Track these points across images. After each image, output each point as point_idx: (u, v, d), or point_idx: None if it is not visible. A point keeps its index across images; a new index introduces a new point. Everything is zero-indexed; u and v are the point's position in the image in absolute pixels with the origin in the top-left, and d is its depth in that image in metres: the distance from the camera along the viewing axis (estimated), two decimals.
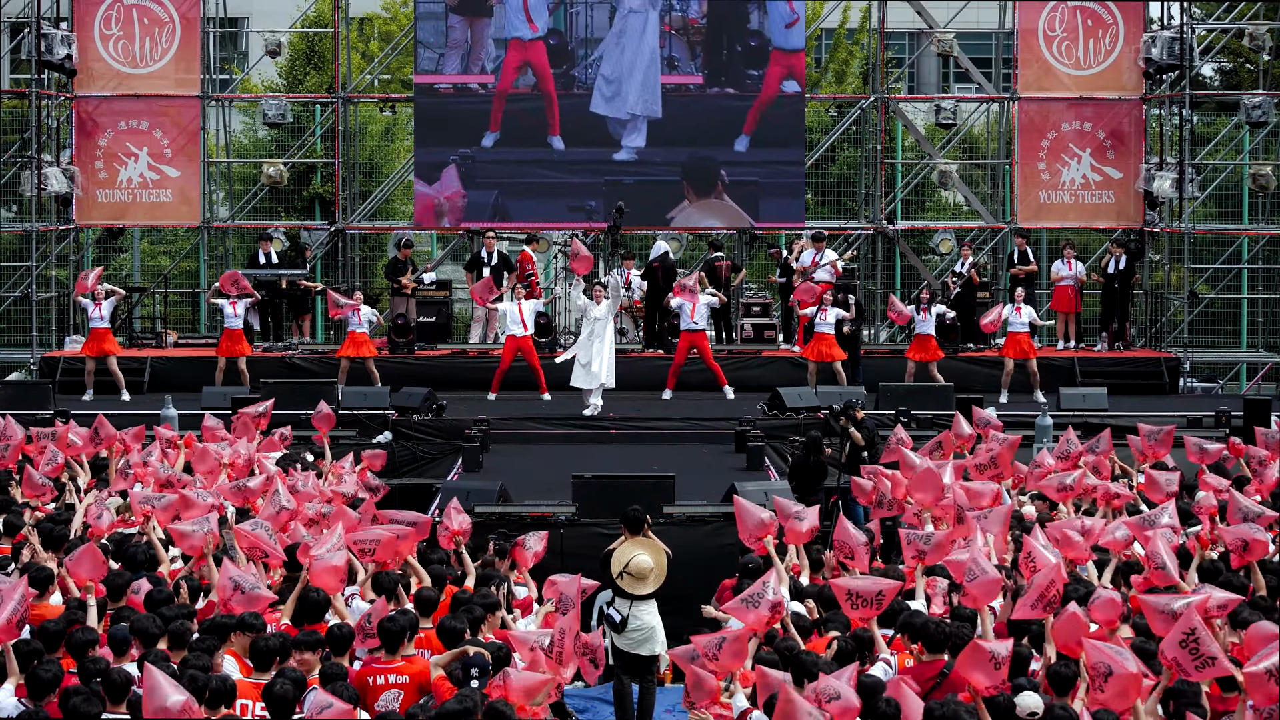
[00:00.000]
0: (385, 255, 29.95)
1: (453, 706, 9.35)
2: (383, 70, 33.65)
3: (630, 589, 13.72)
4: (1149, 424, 18.61)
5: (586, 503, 17.49)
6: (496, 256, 26.72)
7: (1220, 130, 31.14)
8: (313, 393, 21.90)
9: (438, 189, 28.30)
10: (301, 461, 17.81)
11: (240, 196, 30.76)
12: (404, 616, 10.99)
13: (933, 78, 44.35)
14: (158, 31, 28.97)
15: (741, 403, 23.74)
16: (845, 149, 32.77)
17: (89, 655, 10.16)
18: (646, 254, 28.39)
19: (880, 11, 29.90)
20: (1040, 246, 30.62)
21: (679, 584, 14.48)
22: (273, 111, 29.31)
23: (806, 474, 18.68)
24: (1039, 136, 29.27)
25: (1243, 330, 30.47)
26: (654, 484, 17.76)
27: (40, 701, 9.63)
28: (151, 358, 26.30)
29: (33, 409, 21.80)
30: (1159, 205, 28.81)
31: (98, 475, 17.20)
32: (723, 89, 28.40)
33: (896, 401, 22.72)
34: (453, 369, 26.20)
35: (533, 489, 18.95)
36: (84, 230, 29.84)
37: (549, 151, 28.29)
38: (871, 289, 30.06)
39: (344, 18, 29.70)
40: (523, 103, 28.29)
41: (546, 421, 23.23)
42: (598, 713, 14.98)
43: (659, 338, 26.76)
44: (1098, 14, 29.08)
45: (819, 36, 38.26)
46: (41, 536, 13.59)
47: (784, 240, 30.00)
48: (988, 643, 9.83)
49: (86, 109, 29.00)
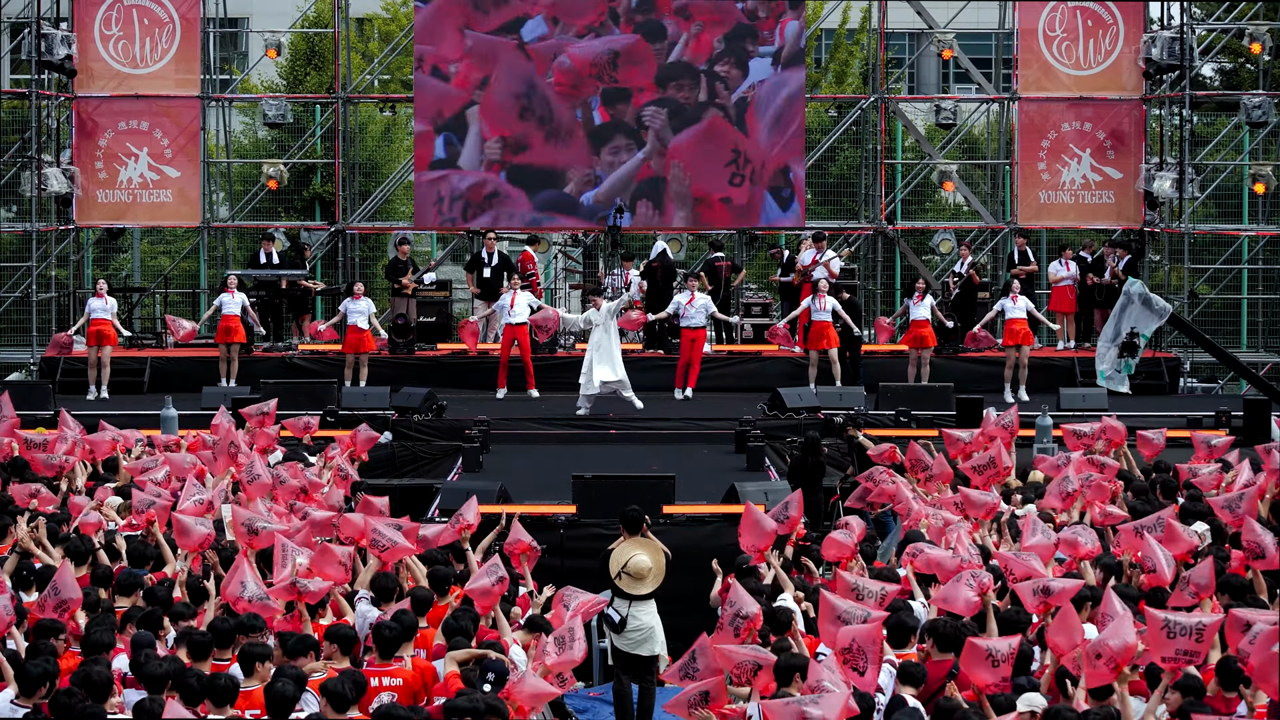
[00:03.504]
0: (385, 255, 29.94)
1: (461, 704, 9.37)
2: (383, 70, 33.66)
3: (629, 589, 13.72)
4: (1148, 426, 18.62)
5: (586, 503, 17.51)
6: (496, 256, 26.73)
7: (1220, 130, 31.14)
8: (313, 393, 21.94)
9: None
10: (302, 460, 17.82)
11: (240, 197, 30.76)
12: (400, 620, 10.98)
13: (933, 78, 44.33)
14: (158, 31, 28.97)
15: (741, 403, 23.74)
16: (845, 149, 32.77)
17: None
18: (646, 254, 28.39)
19: (880, 11, 29.91)
20: (1040, 246, 30.62)
21: (679, 584, 14.49)
22: (273, 112, 29.31)
23: (806, 474, 18.68)
24: (1039, 137, 29.27)
25: (1243, 330, 30.46)
26: (654, 484, 17.78)
27: (31, 698, 9.66)
28: (151, 358, 26.29)
29: (33, 409, 21.78)
30: (1159, 205, 28.81)
31: (96, 477, 17.17)
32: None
33: (896, 401, 22.72)
34: (453, 369, 26.21)
35: (533, 489, 18.96)
36: (84, 230, 29.84)
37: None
38: (872, 289, 30.08)
39: (344, 18, 29.71)
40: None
41: (546, 421, 23.24)
42: (598, 713, 14.99)
43: (659, 338, 26.76)
44: (1098, 14, 29.08)
45: (819, 36, 38.26)
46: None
47: (784, 240, 30.01)
48: (984, 640, 9.84)
49: (86, 109, 29.00)
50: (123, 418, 20.25)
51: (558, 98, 28.19)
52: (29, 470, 16.45)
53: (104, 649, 10.42)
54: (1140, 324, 17.09)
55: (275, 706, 9.46)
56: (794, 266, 26.70)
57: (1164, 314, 17.53)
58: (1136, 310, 17.24)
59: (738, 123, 28.30)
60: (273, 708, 9.47)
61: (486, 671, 10.32)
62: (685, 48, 28.32)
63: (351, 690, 9.73)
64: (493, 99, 28.23)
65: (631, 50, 28.23)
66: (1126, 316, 17.28)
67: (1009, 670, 9.77)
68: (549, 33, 28.23)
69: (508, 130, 28.22)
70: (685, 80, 28.35)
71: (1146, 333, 17.40)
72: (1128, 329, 17.22)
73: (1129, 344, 17.13)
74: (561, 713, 12.90)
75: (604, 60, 28.19)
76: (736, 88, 28.26)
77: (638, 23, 28.28)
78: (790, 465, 19.62)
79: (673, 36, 28.34)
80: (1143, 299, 17.31)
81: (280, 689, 9.52)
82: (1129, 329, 17.22)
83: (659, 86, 28.25)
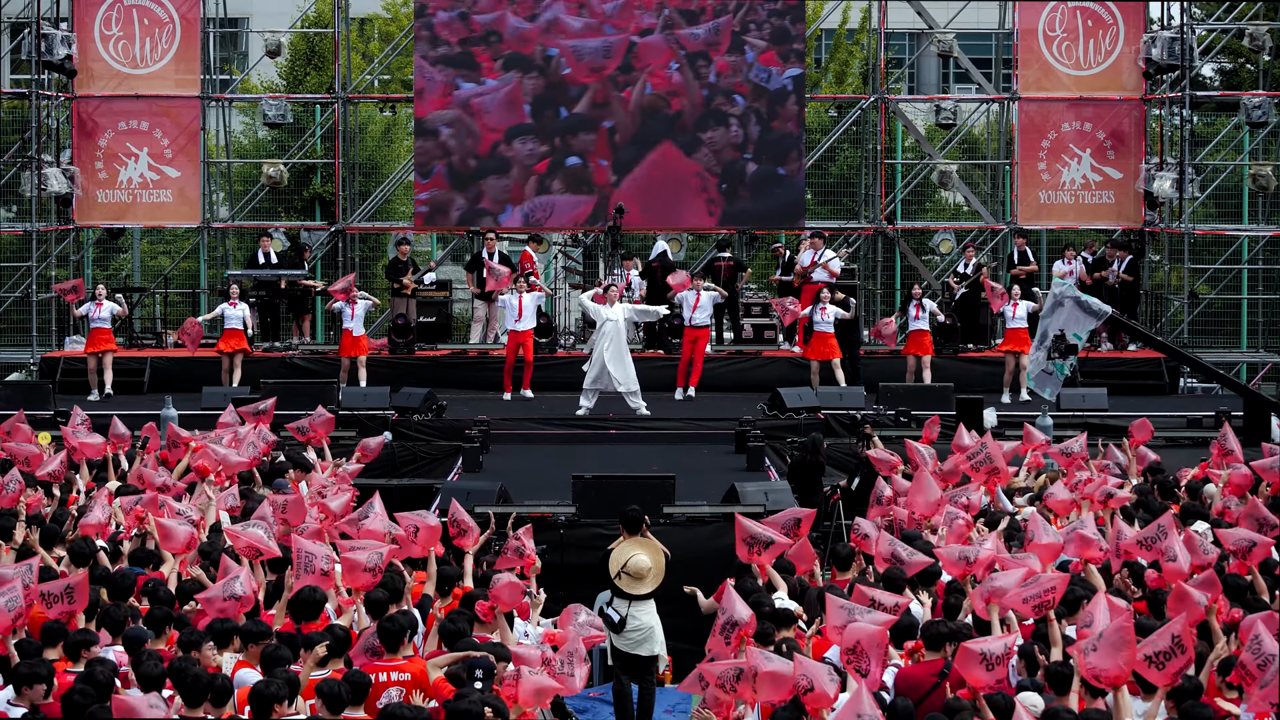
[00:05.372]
0: (385, 255, 29.95)
1: (463, 705, 9.38)
2: (383, 70, 33.66)
3: (628, 589, 13.72)
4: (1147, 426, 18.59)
5: (586, 503, 17.48)
6: (497, 257, 26.73)
7: (1220, 130, 31.13)
8: (313, 393, 21.90)
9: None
10: (300, 460, 17.79)
11: (240, 197, 30.76)
12: (404, 616, 11.00)
13: (933, 78, 44.34)
14: (158, 32, 28.97)
15: (741, 403, 23.73)
16: (845, 149, 32.77)
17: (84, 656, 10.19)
18: (647, 254, 28.38)
19: (880, 11, 29.91)
20: (1040, 246, 30.61)
21: (678, 584, 14.47)
22: (273, 112, 29.32)
23: (806, 474, 18.67)
24: (1039, 137, 29.27)
25: (1243, 331, 30.45)
26: (654, 484, 17.75)
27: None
28: (151, 358, 26.29)
29: (33, 409, 21.76)
30: (1159, 205, 28.81)
31: (99, 479, 17.16)
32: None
33: (896, 402, 22.72)
34: (453, 369, 26.21)
35: (533, 489, 18.94)
36: (84, 230, 29.84)
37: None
38: (872, 289, 30.07)
39: (344, 18, 29.72)
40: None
41: (546, 421, 23.22)
42: (598, 713, 14.99)
43: (659, 338, 26.75)
44: (1098, 14, 29.08)
45: (819, 36, 38.25)
46: (42, 537, 13.60)
47: (784, 240, 29.99)
48: (977, 643, 9.83)
49: (86, 109, 29.00)
50: (122, 418, 20.20)
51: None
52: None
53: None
54: (1071, 326, 17.08)
55: (260, 705, 9.50)
56: (794, 267, 26.70)
57: (1102, 315, 17.50)
58: (1066, 313, 17.22)
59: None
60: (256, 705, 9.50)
61: (474, 669, 10.32)
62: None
63: (348, 692, 9.72)
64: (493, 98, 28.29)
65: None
66: (1055, 319, 17.27)
67: (1004, 671, 9.76)
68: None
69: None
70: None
71: (1081, 334, 17.35)
72: (1055, 331, 17.19)
73: (1061, 346, 17.10)
74: (561, 713, 12.89)
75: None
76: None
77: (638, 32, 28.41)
78: (790, 465, 19.59)
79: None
80: (1076, 301, 17.29)
81: (275, 689, 9.55)
82: (1057, 331, 17.18)
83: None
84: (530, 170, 28.31)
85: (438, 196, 28.42)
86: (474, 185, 28.30)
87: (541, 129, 28.32)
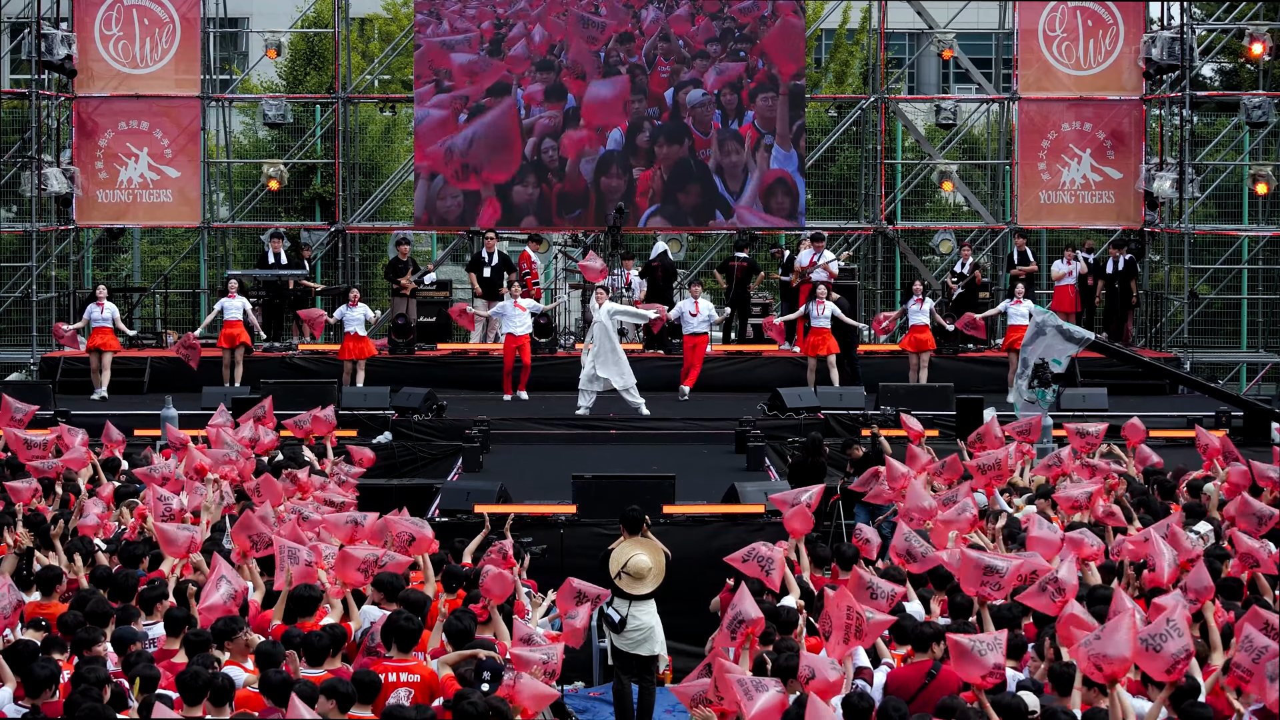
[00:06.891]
0: (385, 255, 29.93)
1: (465, 706, 9.38)
2: (383, 70, 33.66)
3: (629, 589, 13.72)
4: (1148, 426, 18.61)
5: (586, 503, 17.50)
6: (497, 256, 26.73)
7: (1220, 130, 31.13)
8: (313, 393, 21.89)
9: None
10: (301, 460, 17.80)
11: (240, 197, 30.76)
12: (413, 614, 10.98)
13: (933, 78, 44.33)
14: (158, 32, 28.98)
15: (741, 403, 23.73)
16: (845, 149, 32.77)
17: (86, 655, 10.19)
18: (647, 254, 28.38)
19: (880, 11, 29.92)
20: (1040, 246, 30.61)
21: (679, 584, 14.48)
22: (273, 112, 29.32)
23: (806, 474, 18.67)
24: (1039, 137, 29.27)
25: (1243, 331, 30.45)
26: (654, 484, 17.77)
27: (37, 699, 9.65)
28: (151, 358, 26.29)
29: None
30: (1159, 205, 28.80)
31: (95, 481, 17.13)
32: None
33: (897, 401, 22.70)
34: (453, 369, 26.20)
35: (533, 489, 18.95)
36: (84, 230, 29.84)
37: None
38: (871, 289, 30.06)
39: (344, 18, 29.72)
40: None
41: (546, 421, 23.23)
42: (598, 713, 15.01)
43: (659, 338, 26.74)
44: (1098, 14, 29.08)
45: (819, 36, 38.25)
46: (38, 536, 13.59)
47: (784, 240, 29.99)
48: (963, 637, 9.83)
49: (86, 109, 29.00)
50: (123, 418, 20.24)
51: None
52: (24, 470, 16.41)
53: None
54: (1051, 353, 17.13)
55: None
56: (793, 267, 26.69)
57: (1084, 342, 17.57)
58: (1047, 340, 17.26)
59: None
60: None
61: (483, 671, 10.31)
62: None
63: (355, 690, 9.71)
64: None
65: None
66: (1037, 346, 17.33)
67: (1000, 657, 9.73)
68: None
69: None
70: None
71: (1061, 360, 17.39)
72: (1036, 360, 17.24)
73: (1042, 374, 17.15)
74: (562, 713, 12.90)
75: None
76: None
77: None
78: (791, 465, 19.61)
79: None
80: (1058, 329, 17.36)
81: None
82: (1038, 360, 17.23)
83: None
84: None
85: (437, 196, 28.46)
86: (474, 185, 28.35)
87: (541, 128, 28.32)
